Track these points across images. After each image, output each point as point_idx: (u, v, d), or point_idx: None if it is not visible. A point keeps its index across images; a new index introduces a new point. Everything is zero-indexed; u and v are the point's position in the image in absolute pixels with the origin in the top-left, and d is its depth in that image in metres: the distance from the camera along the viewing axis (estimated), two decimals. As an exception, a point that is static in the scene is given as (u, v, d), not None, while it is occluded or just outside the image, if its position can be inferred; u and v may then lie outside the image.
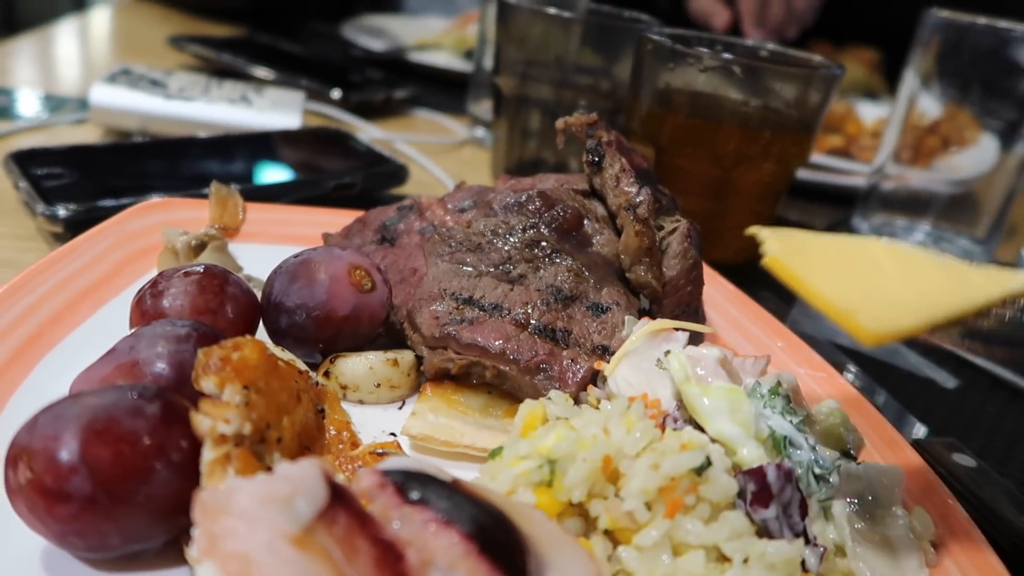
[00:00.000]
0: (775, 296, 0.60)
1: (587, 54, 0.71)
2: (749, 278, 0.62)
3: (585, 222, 0.44)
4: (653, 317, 0.42)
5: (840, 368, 0.51)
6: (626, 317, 0.39)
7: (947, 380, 0.52)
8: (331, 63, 0.99)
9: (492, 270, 0.41)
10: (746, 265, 0.64)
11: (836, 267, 0.30)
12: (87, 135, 0.71)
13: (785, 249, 0.30)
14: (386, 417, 0.38)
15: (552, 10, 0.66)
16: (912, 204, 0.70)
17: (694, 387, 0.32)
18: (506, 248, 0.42)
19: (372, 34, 1.21)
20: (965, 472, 0.39)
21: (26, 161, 0.54)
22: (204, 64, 0.96)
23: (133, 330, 0.33)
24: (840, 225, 0.76)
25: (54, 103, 0.78)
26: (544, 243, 0.42)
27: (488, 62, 0.89)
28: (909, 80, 0.69)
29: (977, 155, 0.68)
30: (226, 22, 1.28)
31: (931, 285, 0.30)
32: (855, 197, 0.76)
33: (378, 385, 0.38)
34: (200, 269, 0.37)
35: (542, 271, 0.41)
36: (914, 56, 0.68)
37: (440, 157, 0.80)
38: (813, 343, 0.53)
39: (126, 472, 0.25)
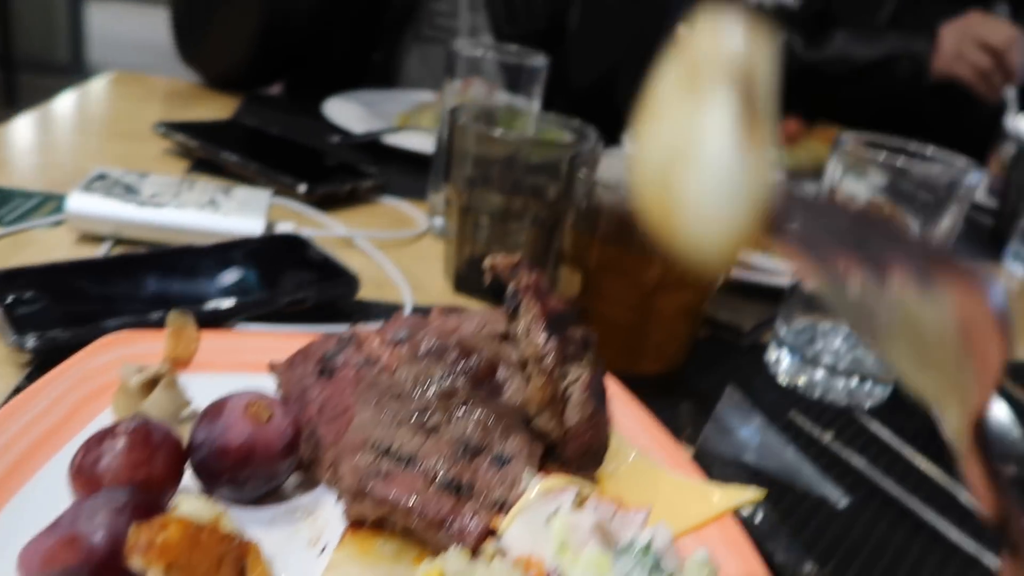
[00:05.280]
0: (693, 407, 0.64)
1: (538, 157, 0.76)
2: (669, 389, 0.67)
3: (499, 369, 0.49)
4: (556, 461, 0.47)
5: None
6: (525, 470, 0.44)
7: (840, 499, 0.56)
8: (306, 149, 1.05)
9: (411, 419, 0.46)
10: (667, 377, 0.68)
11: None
12: (63, 237, 0.75)
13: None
14: (307, 560, 0.43)
15: (498, 131, 0.72)
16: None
17: (568, 555, 0.37)
18: (425, 397, 0.47)
19: (356, 112, 1.26)
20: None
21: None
22: (185, 151, 1.01)
23: (77, 500, 0.38)
24: (766, 325, 0.80)
25: (38, 200, 0.82)
26: (458, 394, 0.46)
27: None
28: (831, 166, 0.69)
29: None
30: (224, 94, 1.33)
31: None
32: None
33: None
34: (125, 427, 0.41)
35: (454, 422, 0.45)
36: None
37: (399, 251, 0.85)
38: (720, 461, 0.58)
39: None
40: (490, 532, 0.42)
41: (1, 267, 0.61)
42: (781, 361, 0.73)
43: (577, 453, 0.47)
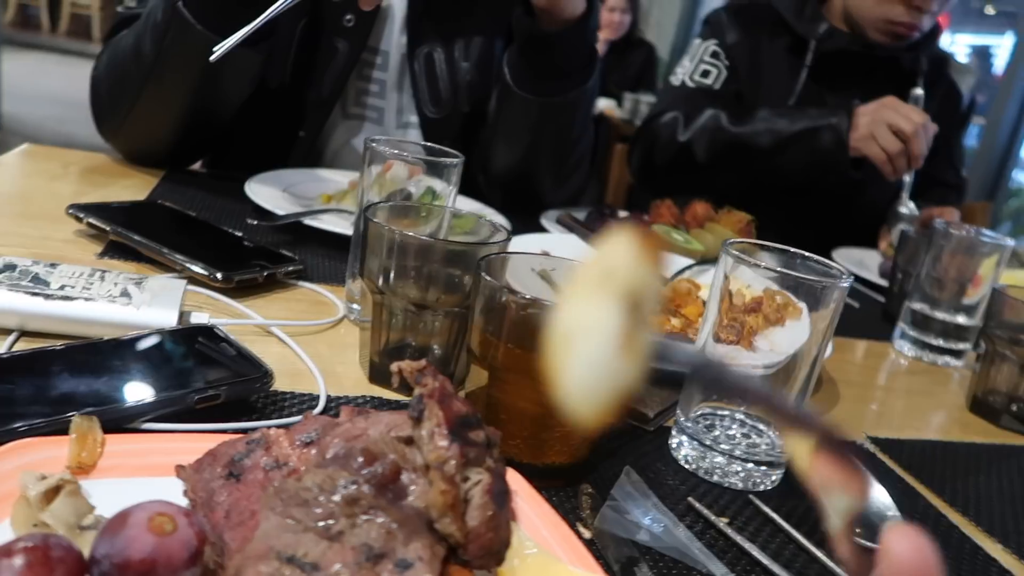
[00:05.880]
0: (596, 491, 0.67)
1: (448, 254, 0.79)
2: (575, 477, 0.70)
3: (403, 475, 0.50)
4: (459, 560, 0.49)
5: (632, 564, 0.58)
6: (425, 575, 0.45)
7: (725, 574, 0.60)
8: (224, 233, 1.05)
9: (316, 525, 0.47)
10: (573, 465, 0.71)
11: None
12: (-34, 330, 0.74)
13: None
14: (209, 673, 0.43)
15: (411, 233, 0.75)
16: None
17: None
18: (330, 504, 0.48)
19: (278, 193, 1.27)
20: None
21: None
22: (99, 233, 1.00)
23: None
24: (669, 411, 0.84)
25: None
26: (362, 500, 0.48)
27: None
28: (722, 262, 0.74)
29: (797, 331, 0.77)
30: (144, 170, 1.32)
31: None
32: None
33: (202, 645, 0.43)
34: (23, 544, 0.41)
35: (357, 528, 0.47)
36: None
37: (316, 339, 0.86)
38: (616, 541, 0.61)
39: None
40: (390, 640, 0.43)
41: (-103, 367, 0.60)
42: (682, 447, 0.77)
43: (478, 553, 0.49)
